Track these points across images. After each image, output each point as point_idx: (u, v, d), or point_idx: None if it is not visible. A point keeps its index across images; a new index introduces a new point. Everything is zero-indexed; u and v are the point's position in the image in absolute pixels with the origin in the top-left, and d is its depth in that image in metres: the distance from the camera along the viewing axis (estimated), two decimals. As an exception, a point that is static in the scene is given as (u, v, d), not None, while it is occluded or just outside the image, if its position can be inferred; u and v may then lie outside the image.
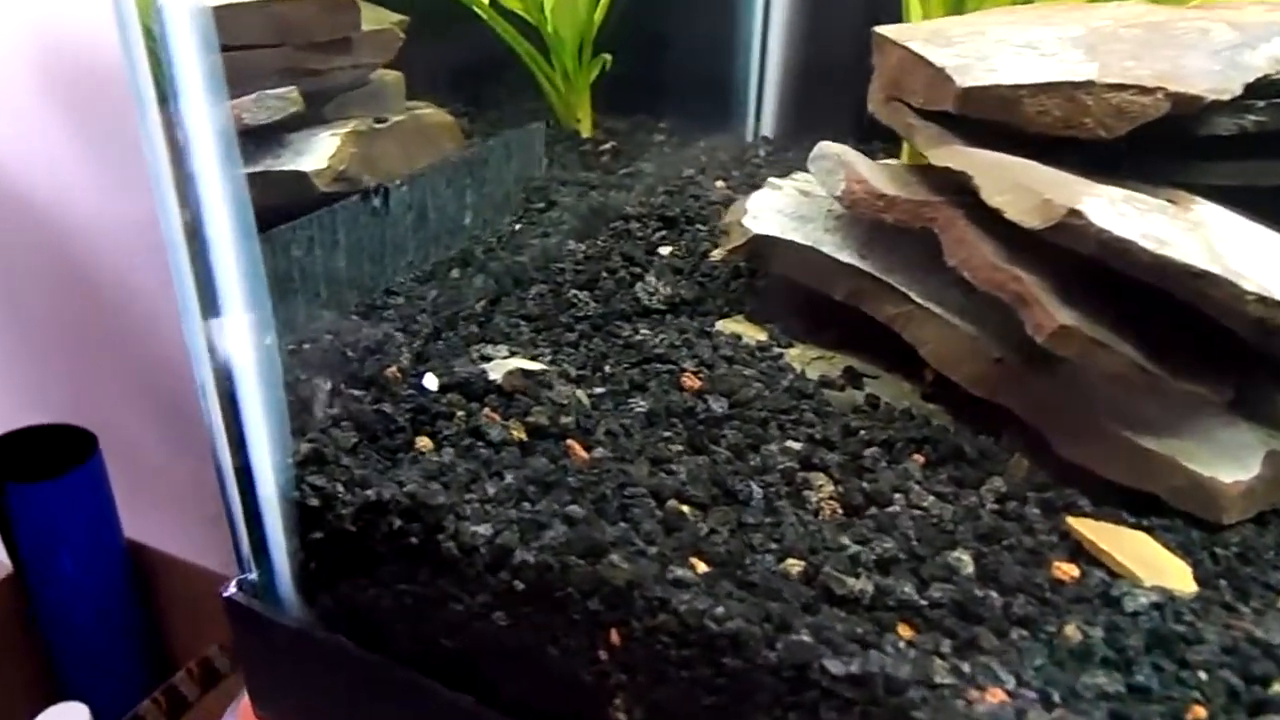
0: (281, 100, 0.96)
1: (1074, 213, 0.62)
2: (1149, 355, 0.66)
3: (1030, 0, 0.98)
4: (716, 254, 0.93)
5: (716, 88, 1.26)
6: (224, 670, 1.87)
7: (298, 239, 0.81)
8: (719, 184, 1.08)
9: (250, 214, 0.65)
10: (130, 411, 1.86)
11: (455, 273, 0.92)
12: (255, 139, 0.99)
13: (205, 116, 0.61)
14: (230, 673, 1.86)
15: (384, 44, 1.07)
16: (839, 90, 0.95)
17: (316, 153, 0.97)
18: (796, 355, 0.81)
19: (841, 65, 0.94)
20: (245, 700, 0.83)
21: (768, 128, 1.28)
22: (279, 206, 0.86)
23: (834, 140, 0.84)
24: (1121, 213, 0.64)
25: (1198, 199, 0.72)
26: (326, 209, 0.84)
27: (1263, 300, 0.60)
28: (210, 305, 0.66)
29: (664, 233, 0.98)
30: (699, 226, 0.98)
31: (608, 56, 1.23)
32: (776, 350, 0.81)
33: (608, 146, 1.21)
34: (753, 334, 0.84)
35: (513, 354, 0.78)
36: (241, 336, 0.66)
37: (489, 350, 0.78)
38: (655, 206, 1.02)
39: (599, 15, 1.21)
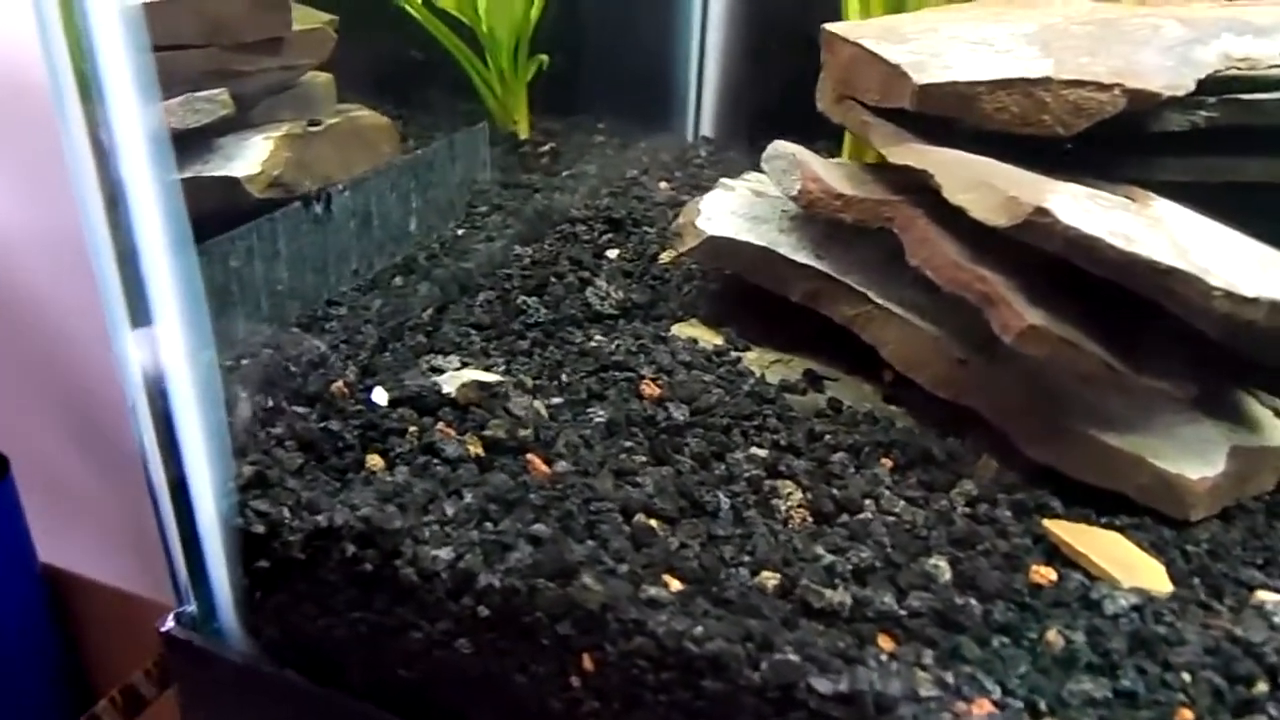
0: (211, 103, 0.91)
1: (1041, 210, 0.61)
2: (1115, 353, 0.65)
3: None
4: (665, 256, 0.90)
5: (655, 87, 1.23)
6: (149, 697, 1.79)
7: (235, 249, 0.76)
8: (663, 185, 1.05)
9: (185, 221, 0.60)
10: (45, 432, 1.78)
11: (399, 281, 0.88)
12: (183, 144, 0.94)
13: (135, 119, 0.57)
14: (155, 699, 1.79)
15: (315, 44, 1.02)
16: (780, 89, 0.93)
17: (248, 157, 0.92)
18: (755, 359, 0.79)
19: (782, 64, 0.92)
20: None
21: (708, 127, 1.26)
22: (210, 214, 0.81)
23: (778, 140, 0.82)
24: (1086, 210, 0.63)
25: (1154, 195, 0.71)
26: (266, 217, 0.80)
27: (1229, 295, 0.60)
28: (141, 319, 0.61)
29: (611, 235, 0.95)
30: (646, 229, 0.95)
31: (544, 57, 1.19)
32: (734, 354, 0.79)
33: (547, 148, 1.18)
34: (709, 338, 0.82)
35: (465, 365, 0.74)
36: (177, 352, 0.62)
37: (439, 361, 0.74)
38: (600, 209, 0.99)
39: (535, 14, 1.17)
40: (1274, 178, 0.72)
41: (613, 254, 0.92)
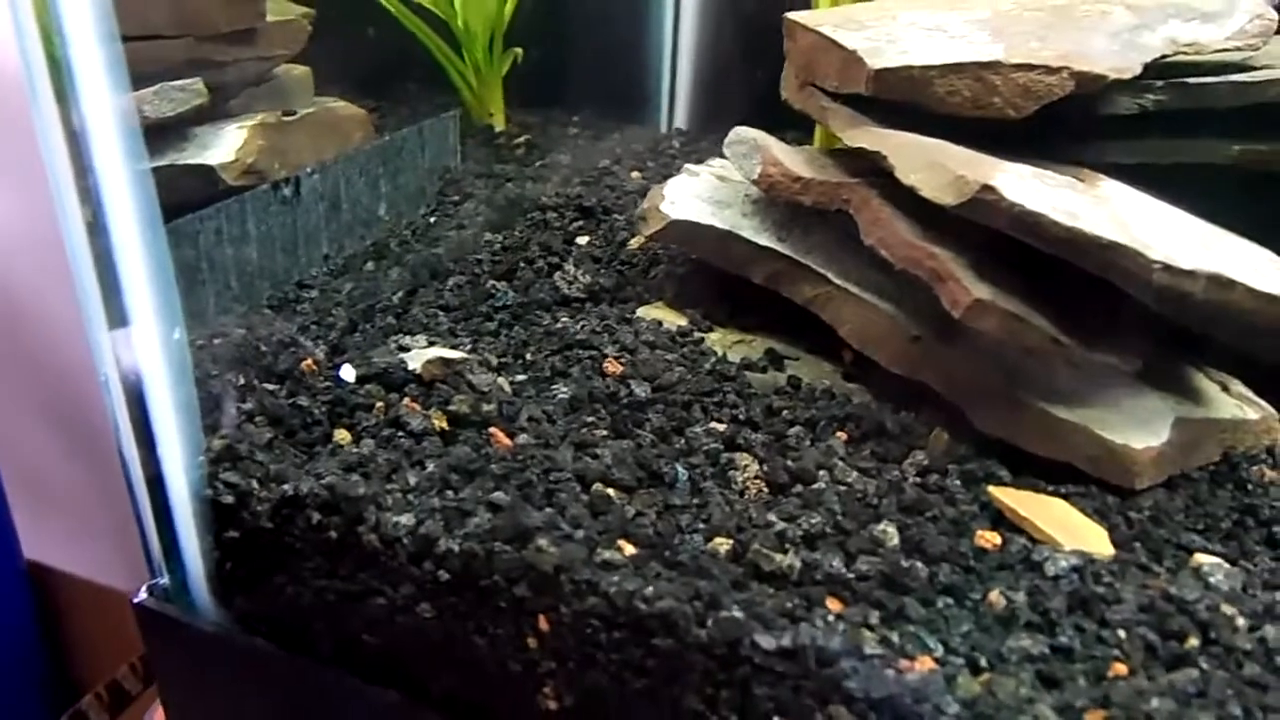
0: (185, 92, 0.94)
1: (987, 188, 0.64)
2: (1062, 327, 0.68)
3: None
4: (634, 243, 0.93)
5: (629, 80, 1.26)
6: (133, 692, 1.81)
7: (205, 229, 0.79)
8: (634, 174, 1.08)
9: (156, 206, 0.63)
10: (28, 430, 1.80)
11: (370, 265, 0.91)
12: (157, 132, 0.96)
13: (107, 107, 0.59)
14: (140, 694, 1.81)
15: (290, 36, 1.05)
16: (751, 80, 0.96)
17: (223, 146, 0.95)
18: (718, 339, 0.82)
19: (752, 56, 0.95)
20: (158, 714, 0.80)
21: (681, 118, 1.28)
22: (185, 202, 0.84)
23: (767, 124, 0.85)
24: (1032, 188, 0.66)
25: (1102, 176, 0.74)
26: (235, 198, 0.82)
27: (1168, 269, 0.62)
28: (114, 300, 0.64)
29: (581, 223, 0.97)
30: (616, 216, 0.98)
31: (519, 50, 1.22)
32: (698, 335, 0.81)
33: (521, 139, 1.21)
34: (673, 319, 0.84)
35: (432, 344, 0.77)
36: (148, 332, 0.64)
37: (407, 341, 0.76)
38: (571, 197, 1.01)
39: (509, 8, 1.20)
40: (1218, 159, 0.75)
41: (583, 240, 0.95)
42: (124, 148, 0.61)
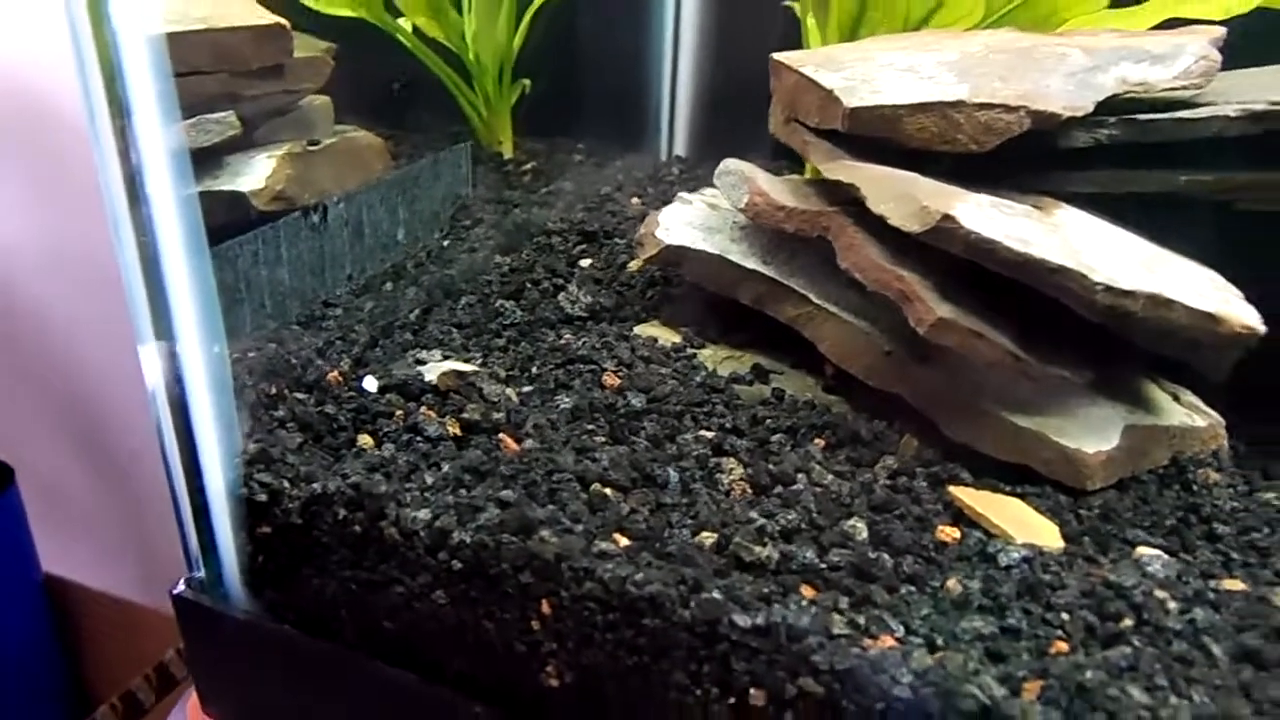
0: (220, 124, 1.03)
1: (947, 217, 0.72)
2: (1020, 343, 0.75)
3: (916, 27, 1.09)
4: (633, 265, 1.01)
5: (631, 110, 1.35)
6: (147, 704, 1.89)
7: (243, 254, 0.87)
8: (635, 200, 1.16)
9: (201, 228, 0.71)
10: (48, 445, 1.88)
11: (389, 285, 0.99)
12: (195, 161, 1.05)
13: (159, 138, 0.68)
14: (154, 705, 1.88)
15: (315, 70, 1.14)
16: (747, 111, 1.03)
17: (254, 174, 1.04)
18: (709, 355, 0.90)
19: (749, 88, 1.03)
20: (193, 700, 0.88)
21: (681, 147, 1.37)
22: (219, 225, 0.92)
23: (744, 158, 0.93)
24: (990, 217, 0.74)
25: (1061, 204, 0.82)
26: (269, 225, 0.91)
27: (1110, 289, 0.70)
28: (161, 316, 0.72)
29: (584, 246, 1.06)
30: (617, 240, 1.06)
31: (527, 81, 1.31)
32: (690, 351, 0.89)
33: (529, 167, 1.29)
34: (668, 337, 0.92)
35: (446, 358, 0.85)
36: (191, 345, 0.73)
37: (423, 355, 0.85)
38: (575, 222, 1.10)
39: (518, 42, 1.29)
40: (1168, 188, 0.83)
41: (585, 263, 1.03)
42: (173, 175, 0.69)
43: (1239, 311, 0.73)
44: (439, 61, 1.27)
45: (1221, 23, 0.99)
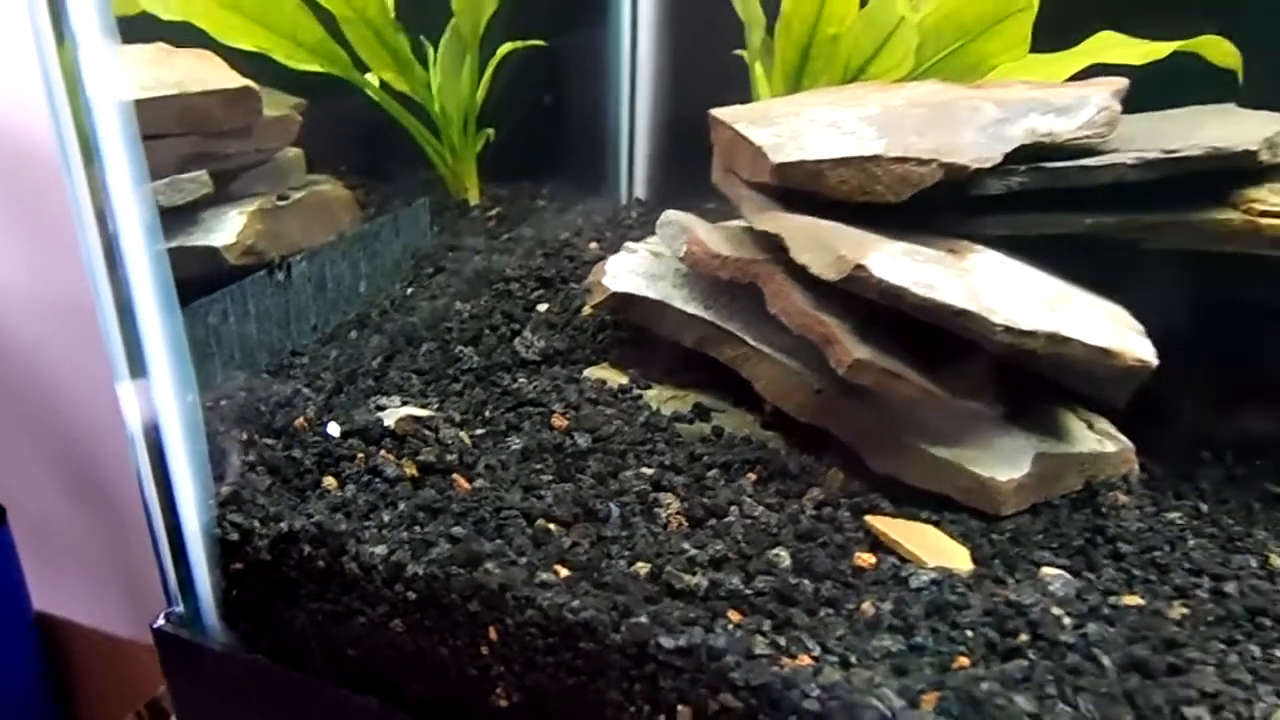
0: (193, 183, 1.10)
1: (859, 267, 0.79)
2: (936, 379, 0.83)
3: (854, 76, 1.17)
4: (586, 310, 1.08)
5: (591, 155, 1.43)
6: (138, 740, 1.94)
7: (214, 310, 0.95)
8: (593, 245, 1.24)
9: (172, 285, 0.79)
10: (39, 482, 1.94)
11: (354, 334, 1.06)
12: (171, 217, 1.12)
13: (131, 198, 0.76)
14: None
15: (284, 128, 1.22)
16: (703, 155, 1.11)
17: (226, 230, 1.11)
18: (654, 395, 0.97)
19: (704, 133, 1.10)
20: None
21: (641, 190, 1.45)
22: (194, 278, 1.00)
23: (700, 200, 1.00)
24: (901, 264, 0.81)
25: (977, 247, 0.89)
26: (238, 284, 0.99)
27: (1009, 329, 0.77)
28: (138, 367, 0.79)
29: (541, 292, 1.13)
30: (573, 285, 1.13)
31: (490, 130, 1.39)
32: (636, 391, 0.97)
33: (493, 212, 1.37)
34: (616, 378, 0.99)
35: (405, 403, 0.92)
36: (166, 394, 0.80)
37: (384, 401, 0.92)
38: (534, 268, 1.17)
39: (481, 93, 1.37)
40: (1076, 230, 0.90)
41: (542, 308, 1.10)
42: (146, 235, 0.77)
43: (1133, 346, 0.80)
44: (405, 113, 1.35)
45: (1142, 66, 1.08)
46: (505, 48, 1.35)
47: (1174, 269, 0.92)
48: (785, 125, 0.94)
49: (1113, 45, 1.13)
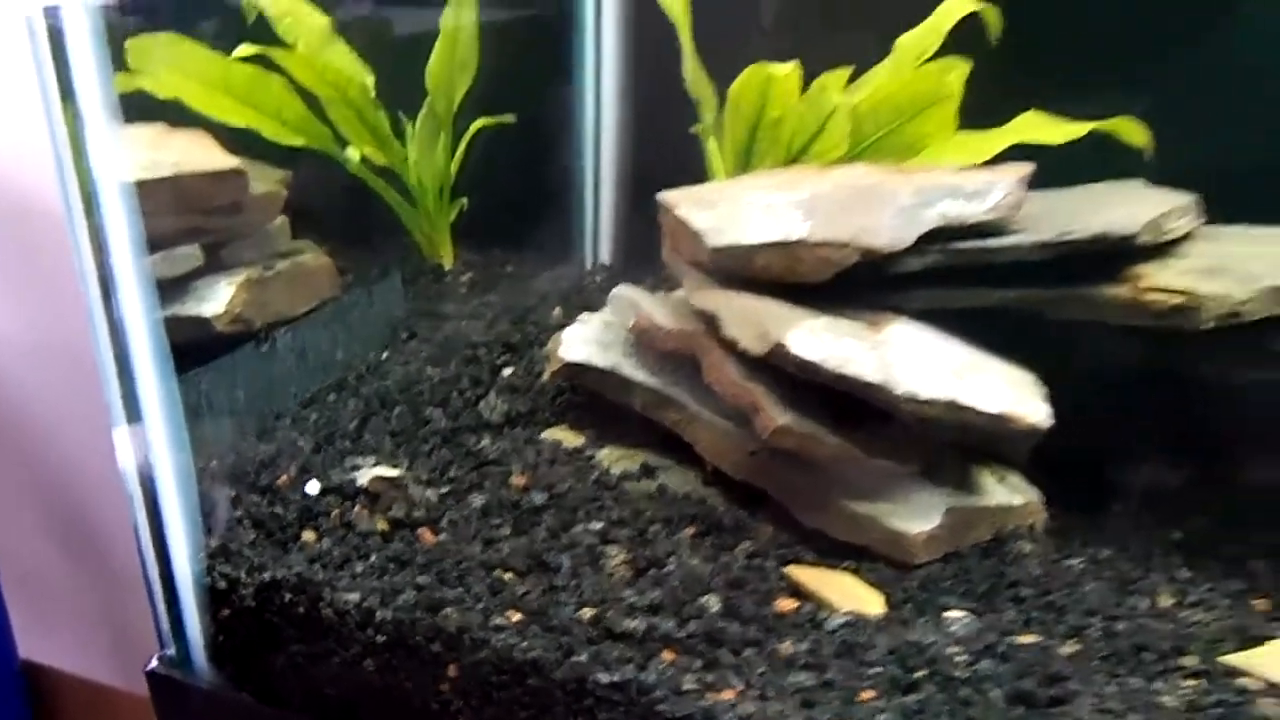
0: (186, 258, 1.24)
1: (779, 345, 0.92)
2: (855, 442, 0.95)
3: (797, 155, 1.30)
4: (546, 375, 1.21)
5: (560, 223, 1.56)
6: (123, 790, 2.03)
7: (205, 378, 1.08)
8: (557, 311, 1.37)
9: (168, 351, 0.91)
10: (26, 532, 2.04)
11: (333, 398, 1.19)
12: (165, 287, 1.25)
13: (131, 269, 0.88)
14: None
15: (270, 203, 1.35)
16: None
17: (216, 299, 1.24)
18: (606, 455, 1.09)
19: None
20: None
21: (606, 255, 1.59)
22: (186, 344, 1.12)
23: (659, 267, 1.12)
24: (819, 340, 0.93)
25: (898, 319, 1.01)
26: (228, 355, 1.12)
27: (913, 399, 0.90)
28: (137, 427, 0.92)
29: (507, 356, 1.26)
30: (536, 350, 1.26)
31: (465, 199, 1.52)
32: (590, 452, 1.09)
33: (466, 278, 1.50)
34: (572, 439, 1.12)
35: (378, 463, 1.05)
36: (162, 454, 0.92)
37: (359, 460, 1.04)
38: (501, 334, 1.30)
39: (455, 165, 1.50)
40: (986, 303, 1.03)
41: (507, 372, 1.23)
42: (144, 303, 0.89)
43: (1027, 410, 0.92)
44: (384, 184, 1.48)
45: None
46: (478, 123, 1.49)
47: (1080, 336, 1.04)
48: (724, 209, 1.07)
49: (1036, 125, 1.26)
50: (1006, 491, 1.01)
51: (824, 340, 0.93)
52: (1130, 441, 1.10)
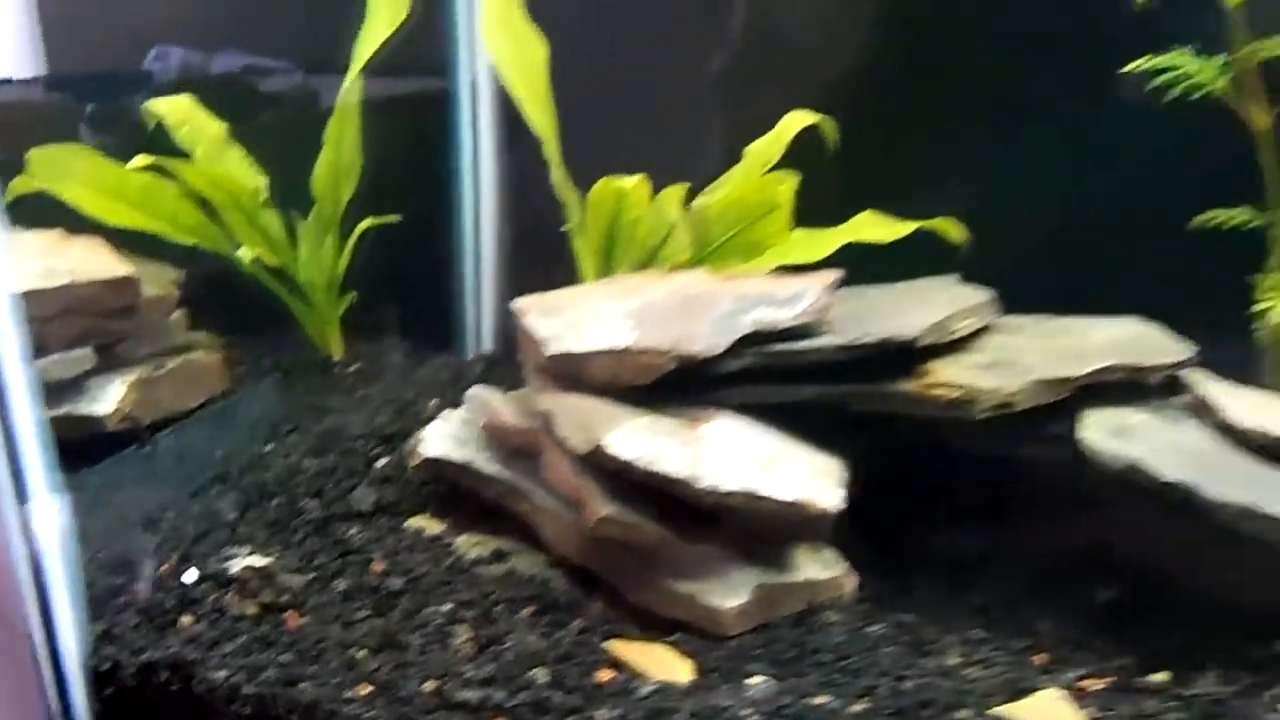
0: (79, 360, 1.41)
1: (597, 447, 1.10)
2: (675, 528, 1.13)
3: (650, 256, 1.50)
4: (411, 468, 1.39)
5: (445, 313, 1.76)
6: None
7: (96, 479, 1.25)
8: (434, 403, 1.55)
9: (54, 448, 1.08)
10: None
11: (216, 490, 1.36)
12: (59, 388, 1.42)
13: (19, 375, 1.05)
14: None
15: (162, 305, 1.53)
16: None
17: (107, 398, 1.41)
18: (463, 541, 1.27)
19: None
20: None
21: (488, 344, 1.78)
22: (79, 441, 1.29)
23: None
24: (638, 439, 1.12)
25: (719, 415, 1.19)
26: (114, 457, 1.29)
27: (715, 492, 1.08)
28: (27, 525, 1.08)
29: (381, 448, 1.44)
30: (410, 441, 1.44)
31: (353, 293, 1.71)
32: (449, 539, 1.27)
33: (354, 368, 1.69)
34: (434, 527, 1.29)
35: (252, 552, 1.22)
36: (52, 546, 1.09)
37: (235, 550, 1.21)
38: (379, 426, 1.48)
39: (344, 263, 1.70)
40: (797, 399, 1.22)
41: (380, 464, 1.40)
42: (32, 404, 1.06)
43: (819, 497, 1.11)
44: (275, 281, 1.66)
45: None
46: (364, 224, 1.68)
47: (892, 423, 1.24)
48: (568, 316, 1.26)
49: (869, 224, 1.47)
50: (818, 566, 1.20)
51: (641, 440, 1.12)
52: (936, 516, 1.30)
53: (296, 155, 1.71)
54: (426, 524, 1.30)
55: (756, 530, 1.19)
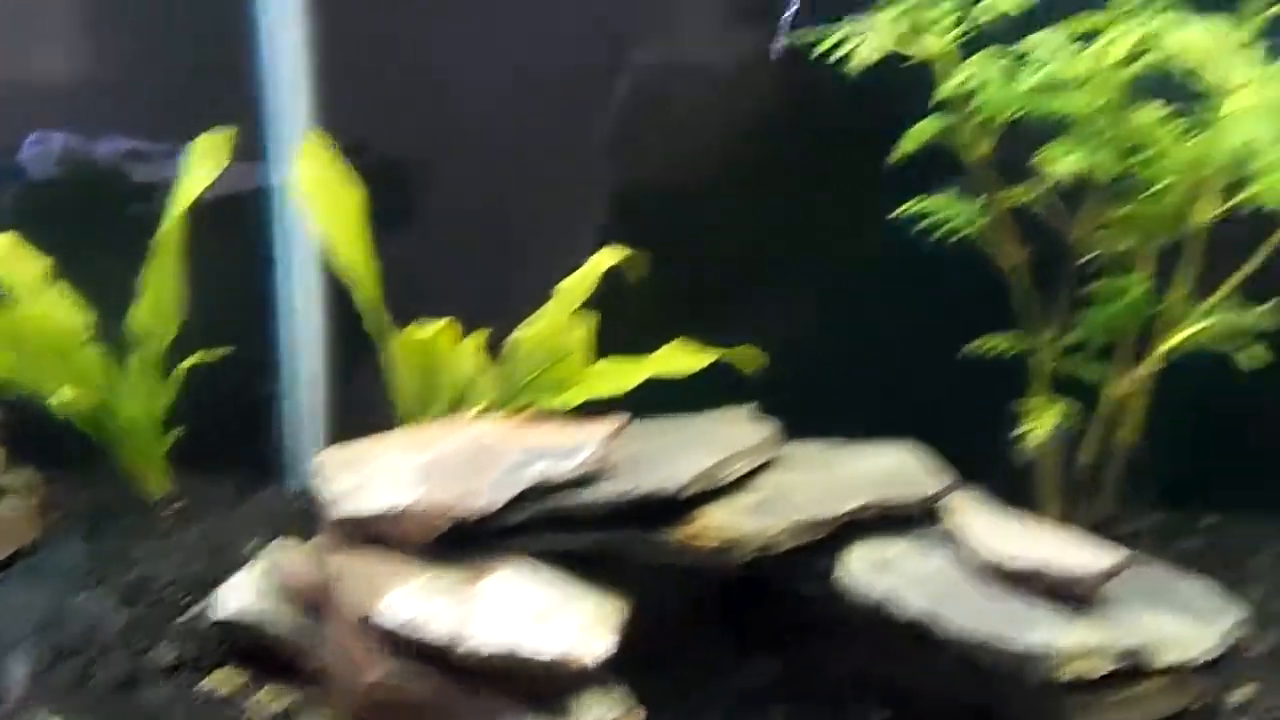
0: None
1: (369, 613, 1.21)
2: (457, 682, 1.24)
3: (460, 399, 1.63)
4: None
5: (269, 449, 1.87)
6: None
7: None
8: (253, 543, 1.65)
9: None
10: None
11: (19, 649, 1.44)
12: None
13: None
14: None
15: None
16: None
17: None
18: (262, 694, 1.36)
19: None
20: None
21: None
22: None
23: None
24: (412, 601, 1.22)
25: (502, 566, 1.30)
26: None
27: (474, 655, 1.18)
28: None
29: (191, 597, 1.53)
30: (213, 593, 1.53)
31: (177, 430, 1.82)
32: (244, 697, 1.36)
33: (176, 507, 1.79)
34: (235, 681, 1.39)
35: (53, 714, 1.31)
36: None
37: (29, 714, 1.31)
38: (191, 573, 1.58)
39: (168, 400, 1.80)
40: (578, 547, 1.33)
41: (189, 614, 1.50)
42: None
43: (586, 650, 1.21)
44: (91, 423, 1.76)
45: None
46: (188, 361, 1.79)
47: (648, 573, 1.35)
48: (366, 471, 1.36)
49: (672, 355, 1.61)
50: (605, 706, 1.30)
51: (415, 602, 1.22)
52: (723, 647, 1.43)
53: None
54: (226, 678, 1.40)
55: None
